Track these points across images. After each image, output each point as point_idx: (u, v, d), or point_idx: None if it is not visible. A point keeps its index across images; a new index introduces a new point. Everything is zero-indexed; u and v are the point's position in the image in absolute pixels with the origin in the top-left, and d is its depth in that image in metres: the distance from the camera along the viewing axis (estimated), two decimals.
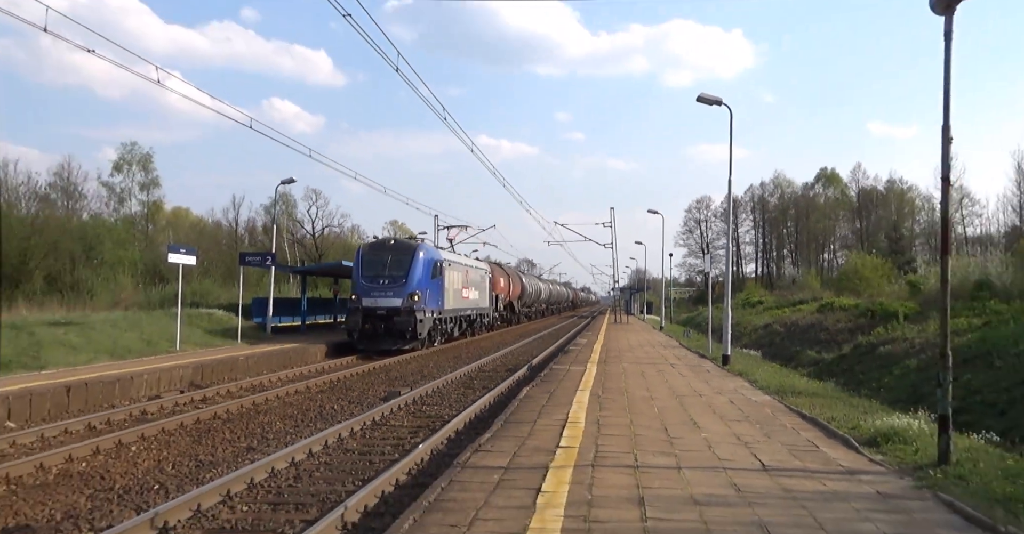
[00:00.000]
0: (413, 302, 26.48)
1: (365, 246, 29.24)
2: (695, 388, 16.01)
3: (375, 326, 26.15)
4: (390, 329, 26.23)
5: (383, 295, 26.53)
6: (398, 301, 26.42)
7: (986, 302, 29.40)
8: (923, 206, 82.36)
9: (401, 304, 26.37)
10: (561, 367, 20.36)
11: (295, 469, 9.68)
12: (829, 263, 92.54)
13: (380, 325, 26.15)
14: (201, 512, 7.67)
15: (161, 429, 12.09)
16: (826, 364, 31.95)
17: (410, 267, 27.10)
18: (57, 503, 8.16)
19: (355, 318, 26.20)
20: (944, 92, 8.82)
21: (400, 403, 15.08)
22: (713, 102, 21.51)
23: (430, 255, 28.70)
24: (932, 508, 6.92)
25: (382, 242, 29.36)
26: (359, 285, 26.97)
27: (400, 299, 26.46)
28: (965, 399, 18.61)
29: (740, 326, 46.31)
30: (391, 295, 26.54)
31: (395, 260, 27.42)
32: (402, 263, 27.31)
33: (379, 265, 27.35)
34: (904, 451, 9.36)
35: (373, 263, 27.51)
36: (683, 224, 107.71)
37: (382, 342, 26.12)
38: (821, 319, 41.62)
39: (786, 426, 11.33)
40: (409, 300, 26.47)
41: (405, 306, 26.38)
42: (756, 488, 7.48)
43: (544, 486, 7.42)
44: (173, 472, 9.64)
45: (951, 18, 8.68)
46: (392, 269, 27.16)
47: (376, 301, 26.41)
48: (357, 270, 27.42)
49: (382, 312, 26.23)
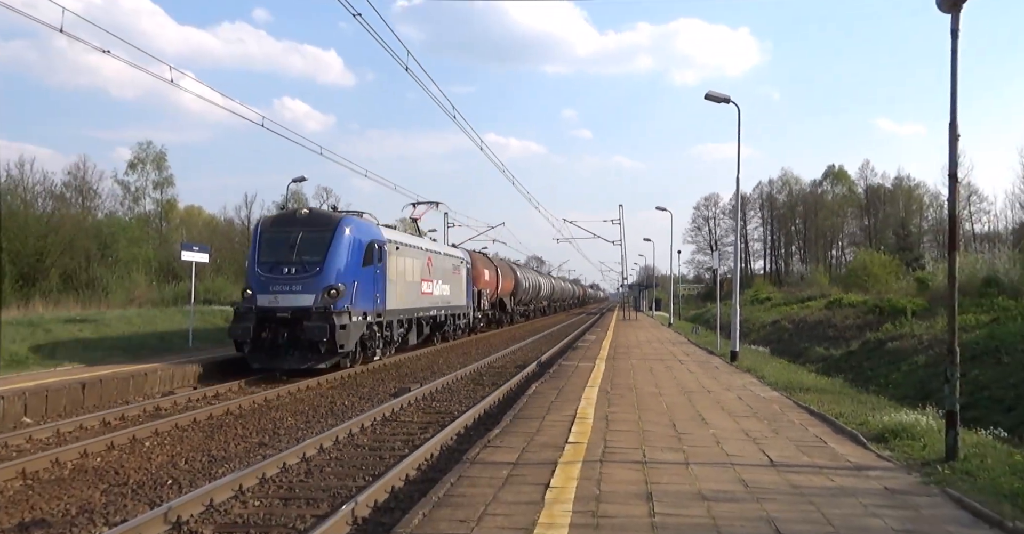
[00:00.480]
0: (331, 299, 18.30)
1: (266, 220, 20.81)
2: (703, 384, 16.05)
3: (275, 334, 18.27)
4: (296, 339, 18.10)
5: (286, 290, 18.44)
6: (308, 299, 18.26)
7: (994, 298, 29.29)
8: (931, 203, 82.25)
9: (313, 303, 18.18)
10: (570, 363, 20.42)
11: (306, 464, 9.76)
12: (837, 260, 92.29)
13: (283, 333, 18.20)
14: (214, 507, 7.76)
15: (174, 425, 12.20)
16: (834, 360, 31.89)
17: (329, 250, 18.79)
18: (72, 498, 8.26)
19: (244, 324, 18.13)
20: (951, 89, 8.84)
21: (410, 399, 15.16)
22: (721, 100, 21.52)
23: (362, 233, 20.12)
24: (940, 504, 6.95)
25: (290, 215, 20.92)
26: (253, 276, 18.84)
27: (312, 295, 18.28)
28: (973, 395, 18.58)
29: (748, 323, 46.25)
30: (299, 290, 18.39)
31: (307, 240, 19.02)
32: (317, 244, 18.96)
33: (283, 247, 18.95)
34: (912, 447, 9.38)
35: (275, 244, 19.16)
36: (691, 221, 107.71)
37: (285, 358, 18.22)
38: (829, 315, 41.51)
39: (794, 422, 11.36)
40: (325, 297, 18.28)
41: (319, 305, 18.15)
42: (764, 484, 7.52)
43: (553, 481, 7.49)
44: (186, 467, 9.74)
45: (958, 16, 8.69)
46: (303, 252, 18.84)
47: (276, 299, 18.34)
48: (253, 255, 19.39)
49: (284, 315, 18.18)
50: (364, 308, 19.72)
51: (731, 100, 21.51)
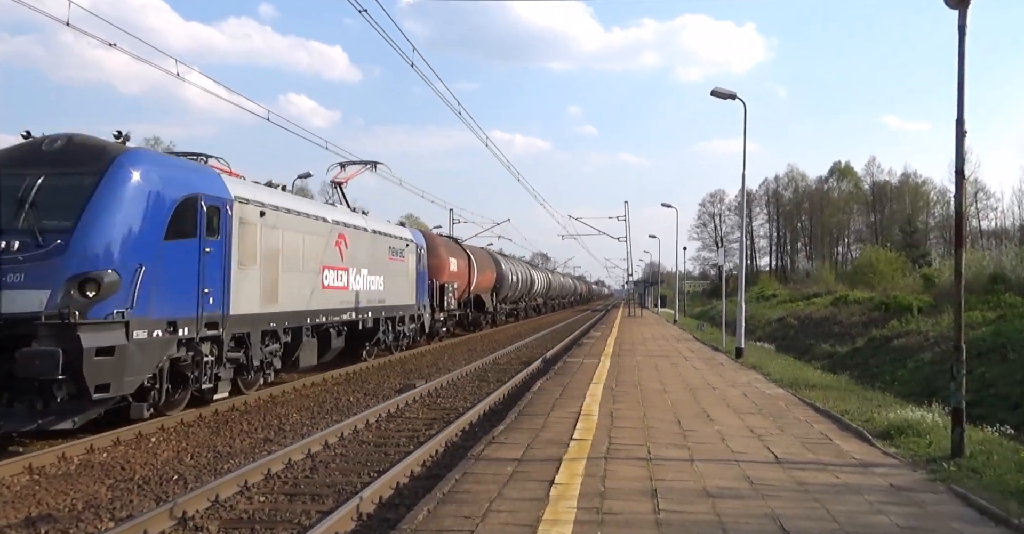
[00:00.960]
0: (85, 300, 10.05)
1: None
2: (708, 381, 16.04)
3: None
4: (8, 377, 9.65)
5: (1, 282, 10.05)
6: (37, 298, 9.94)
7: (1000, 295, 29.21)
8: (938, 200, 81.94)
9: (45, 306, 9.88)
10: (575, 360, 20.43)
11: (311, 460, 9.78)
12: (843, 257, 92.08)
13: None
14: (219, 502, 7.78)
15: (180, 420, 12.22)
16: (840, 357, 31.82)
17: (87, 208, 10.42)
18: (79, 493, 8.29)
19: None
20: (958, 86, 8.81)
21: (415, 395, 15.18)
22: (727, 96, 21.49)
23: (169, 182, 11.47)
24: (946, 501, 6.94)
25: (32, 146, 11.25)
26: None
27: (44, 292, 9.96)
28: (979, 392, 18.54)
29: (754, 319, 46.17)
30: (20, 282, 10.03)
31: (51, 191, 10.61)
32: (67, 197, 10.54)
33: (10, 203, 10.54)
34: (918, 444, 9.38)
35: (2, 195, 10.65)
36: (697, 218, 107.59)
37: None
38: (835, 312, 41.43)
39: (799, 419, 11.35)
40: (71, 295, 10.00)
41: (54, 311, 9.82)
42: (769, 480, 7.52)
43: (557, 478, 7.49)
44: (192, 463, 9.76)
45: (965, 12, 8.67)
46: (40, 213, 10.47)
47: None
48: None
49: None
50: (170, 314, 11.27)
51: (737, 96, 21.46)
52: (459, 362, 22.34)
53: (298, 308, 15.51)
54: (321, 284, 16.65)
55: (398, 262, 22.52)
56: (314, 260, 16.34)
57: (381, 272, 20.79)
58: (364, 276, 19.47)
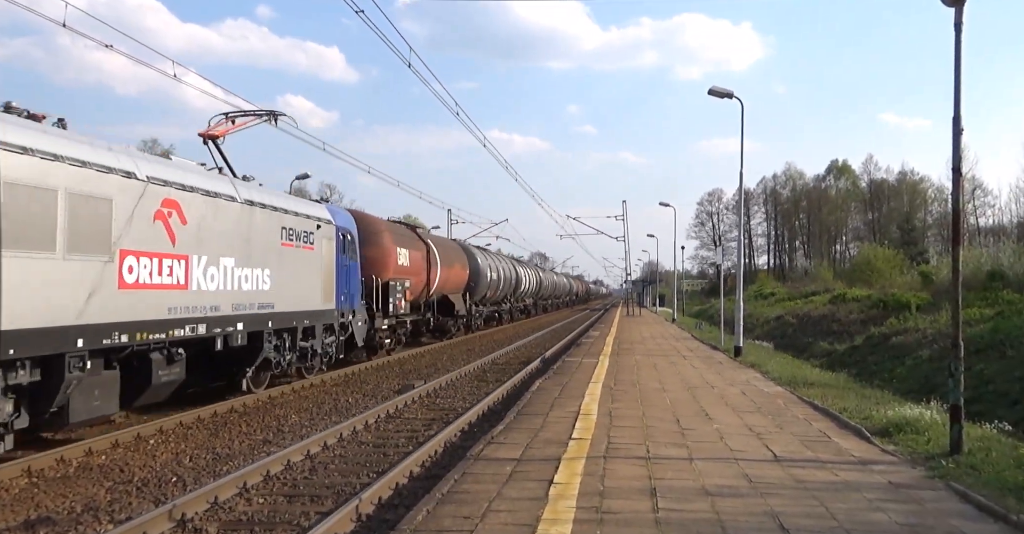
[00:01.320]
0: None
1: None
2: (707, 380, 16.05)
3: None
4: None
5: None
6: None
7: (998, 292, 29.29)
8: (935, 197, 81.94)
9: None
10: (574, 359, 20.43)
11: (310, 462, 9.77)
12: (841, 255, 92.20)
13: None
14: (218, 504, 7.77)
15: (179, 422, 12.21)
16: (838, 355, 31.87)
17: None
18: (77, 495, 8.28)
19: None
20: (955, 83, 8.82)
21: (414, 396, 15.18)
22: (724, 95, 21.50)
23: None
24: (944, 498, 6.95)
25: None
26: None
27: None
28: (977, 389, 18.57)
29: (752, 318, 46.22)
30: None
31: None
32: None
33: None
34: (916, 441, 9.38)
35: None
36: (695, 217, 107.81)
37: None
38: (833, 310, 41.50)
39: (798, 417, 11.36)
40: None
41: None
42: (768, 479, 7.52)
43: (556, 478, 7.49)
44: (191, 465, 9.75)
45: (961, 10, 8.68)
46: None
47: None
48: None
49: None
50: None
51: (734, 95, 21.47)
52: (458, 362, 22.35)
53: (50, 323, 9.05)
54: (118, 281, 10.35)
55: (302, 250, 15.97)
56: (91, 240, 9.80)
57: (264, 263, 14.28)
58: (226, 269, 13.03)
